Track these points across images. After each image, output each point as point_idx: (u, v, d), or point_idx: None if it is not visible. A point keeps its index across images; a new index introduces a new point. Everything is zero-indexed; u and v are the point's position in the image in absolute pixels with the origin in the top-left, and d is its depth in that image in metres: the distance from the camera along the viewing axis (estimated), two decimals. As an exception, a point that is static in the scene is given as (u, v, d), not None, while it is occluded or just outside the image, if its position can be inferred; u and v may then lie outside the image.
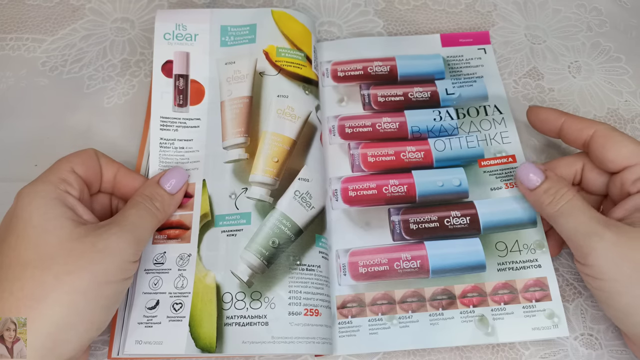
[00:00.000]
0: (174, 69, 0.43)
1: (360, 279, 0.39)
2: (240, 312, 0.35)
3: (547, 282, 0.38)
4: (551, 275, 0.38)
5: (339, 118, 0.45)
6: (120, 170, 0.37)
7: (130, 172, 0.37)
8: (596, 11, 0.52)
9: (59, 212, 0.31)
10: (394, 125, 0.44)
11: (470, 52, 0.48)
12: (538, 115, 0.40)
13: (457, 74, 0.47)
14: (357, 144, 0.44)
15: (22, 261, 0.29)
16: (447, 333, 0.37)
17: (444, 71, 0.47)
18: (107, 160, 0.36)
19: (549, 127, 0.40)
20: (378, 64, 0.47)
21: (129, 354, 0.35)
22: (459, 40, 0.48)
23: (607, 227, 0.32)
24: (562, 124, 0.38)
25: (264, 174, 0.39)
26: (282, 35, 0.43)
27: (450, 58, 0.47)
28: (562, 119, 0.38)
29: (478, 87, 0.46)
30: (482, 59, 0.47)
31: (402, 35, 0.50)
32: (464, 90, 0.45)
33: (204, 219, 0.39)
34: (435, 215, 0.40)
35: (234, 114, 0.41)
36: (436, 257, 0.39)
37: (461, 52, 0.48)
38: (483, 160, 0.42)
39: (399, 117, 0.44)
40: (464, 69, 0.47)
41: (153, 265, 0.38)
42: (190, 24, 0.44)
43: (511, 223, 0.40)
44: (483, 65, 0.47)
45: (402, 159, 0.43)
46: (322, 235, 0.39)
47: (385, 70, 0.47)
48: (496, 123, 0.44)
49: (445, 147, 0.43)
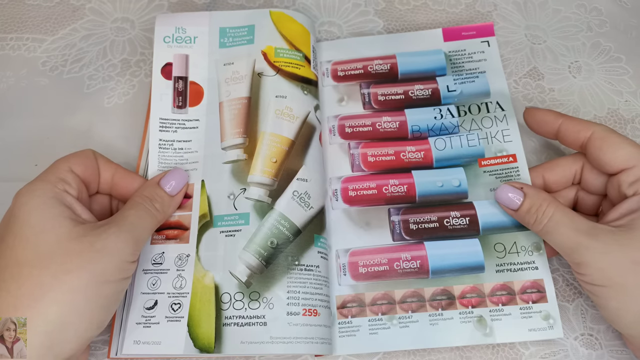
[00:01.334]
0: (173, 71, 0.43)
1: (360, 279, 0.39)
2: (239, 312, 0.36)
3: (544, 284, 0.38)
4: (547, 277, 0.38)
5: (339, 118, 0.45)
6: (117, 171, 0.37)
7: (128, 172, 0.37)
8: (596, 11, 0.52)
9: (57, 211, 0.31)
10: (394, 125, 0.44)
11: (473, 46, 0.47)
12: (535, 117, 0.40)
13: (459, 69, 0.46)
14: (357, 143, 0.44)
15: (19, 261, 0.29)
16: (446, 333, 0.37)
17: (446, 67, 0.46)
18: (105, 161, 0.37)
19: (546, 129, 0.40)
20: (378, 62, 0.47)
21: (127, 354, 0.36)
22: (461, 33, 0.48)
23: (593, 236, 0.33)
24: (560, 126, 0.38)
25: (262, 175, 0.39)
26: (281, 36, 0.43)
27: (452, 53, 0.47)
28: (560, 121, 0.38)
29: (480, 83, 0.45)
30: (485, 53, 0.46)
31: (404, 32, 0.49)
32: (466, 86, 0.45)
33: (203, 220, 0.39)
34: (435, 215, 0.40)
35: (233, 114, 0.41)
36: (436, 257, 0.39)
37: (463, 46, 0.47)
38: (483, 160, 0.42)
39: (399, 117, 0.44)
40: (466, 64, 0.46)
41: (151, 266, 0.38)
42: (190, 27, 0.44)
43: (510, 224, 0.40)
44: (486, 59, 0.46)
45: (402, 159, 0.43)
46: (321, 235, 0.39)
47: (386, 68, 0.46)
48: (498, 120, 0.43)
49: (445, 146, 0.43)
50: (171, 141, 0.41)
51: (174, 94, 0.42)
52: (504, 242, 0.39)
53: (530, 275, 0.38)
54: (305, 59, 0.43)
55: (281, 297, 0.36)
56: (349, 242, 0.40)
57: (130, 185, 0.37)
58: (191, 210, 0.39)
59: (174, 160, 0.41)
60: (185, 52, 0.43)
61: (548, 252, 0.39)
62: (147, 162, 0.41)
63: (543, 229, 0.35)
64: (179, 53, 0.43)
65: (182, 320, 0.36)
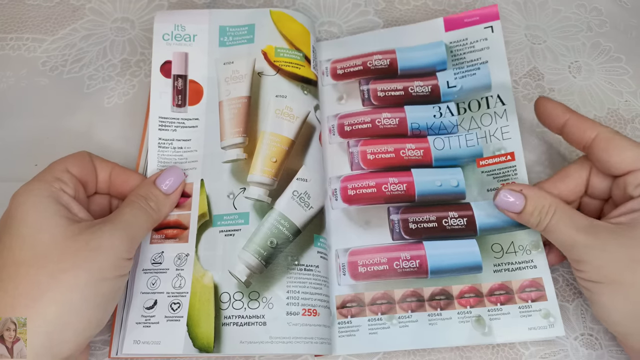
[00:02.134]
0: (172, 70, 0.43)
1: (359, 279, 0.39)
2: (238, 312, 0.36)
3: (543, 282, 0.38)
4: (547, 275, 0.38)
5: (338, 116, 0.44)
6: (114, 169, 0.37)
7: (124, 170, 0.37)
8: (596, 11, 0.52)
9: (53, 210, 0.31)
10: (394, 122, 0.44)
11: (475, 34, 0.45)
12: (545, 107, 0.40)
13: (460, 62, 0.45)
14: (356, 141, 0.43)
15: (16, 260, 0.29)
16: (445, 333, 0.37)
17: (446, 61, 0.45)
18: (101, 161, 0.37)
19: (553, 121, 0.39)
20: (377, 57, 0.46)
21: (127, 353, 0.36)
22: (463, 20, 0.46)
23: (592, 234, 0.33)
24: (567, 121, 0.38)
25: (262, 174, 0.39)
26: (281, 36, 0.43)
27: (453, 44, 0.45)
28: (567, 116, 0.38)
29: (481, 76, 0.44)
30: (489, 40, 0.45)
31: (404, 25, 0.48)
32: (466, 81, 0.44)
33: (202, 219, 0.39)
34: (434, 215, 0.40)
35: (232, 114, 0.41)
36: (435, 257, 0.39)
37: (466, 34, 0.45)
38: (482, 159, 0.42)
39: (399, 113, 0.44)
40: (467, 55, 0.45)
41: (151, 265, 0.38)
42: (189, 25, 0.44)
43: (508, 225, 0.39)
44: (489, 47, 0.44)
45: (402, 156, 0.42)
46: (321, 235, 0.39)
47: (385, 63, 0.46)
48: (497, 117, 0.43)
49: (444, 146, 0.43)
50: (170, 140, 0.41)
51: (174, 93, 0.42)
52: (502, 242, 0.39)
53: (528, 274, 0.38)
54: (305, 59, 0.43)
55: (281, 297, 0.36)
56: (348, 241, 0.40)
57: (128, 182, 0.37)
58: (190, 209, 0.39)
59: (173, 159, 0.41)
60: (185, 50, 0.43)
61: (551, 260, 0.39)
62: (146, 161, 0.41)
63: (546, 229, 0.35)
64: (179, 51, 0.43)
65: (182, 320, 0.36)
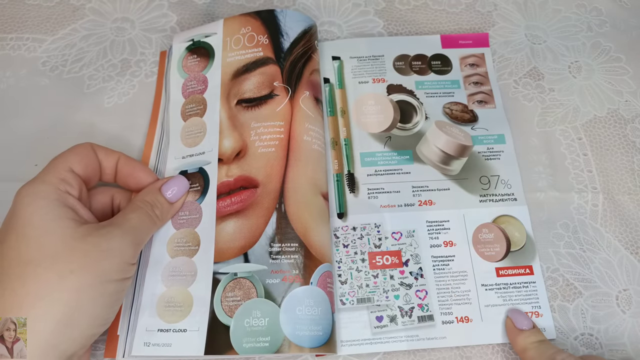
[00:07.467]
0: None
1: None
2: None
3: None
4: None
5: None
6: (120, 159, 0.37)
7: (130, 160, 0.38)
8: (596, 11, 0.52)
9: (61, 213, 0.31)
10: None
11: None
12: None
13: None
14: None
15: (23, 260, 0.29)
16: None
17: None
18: (106, 151, 0.37)
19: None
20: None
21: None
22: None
23: None
24: None
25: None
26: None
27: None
28: None
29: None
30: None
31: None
32: None
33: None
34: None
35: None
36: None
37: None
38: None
39: None
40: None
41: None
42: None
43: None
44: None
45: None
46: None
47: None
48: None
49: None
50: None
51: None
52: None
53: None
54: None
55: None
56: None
57: (134, 174, 0.37)
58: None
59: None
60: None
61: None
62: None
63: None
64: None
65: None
